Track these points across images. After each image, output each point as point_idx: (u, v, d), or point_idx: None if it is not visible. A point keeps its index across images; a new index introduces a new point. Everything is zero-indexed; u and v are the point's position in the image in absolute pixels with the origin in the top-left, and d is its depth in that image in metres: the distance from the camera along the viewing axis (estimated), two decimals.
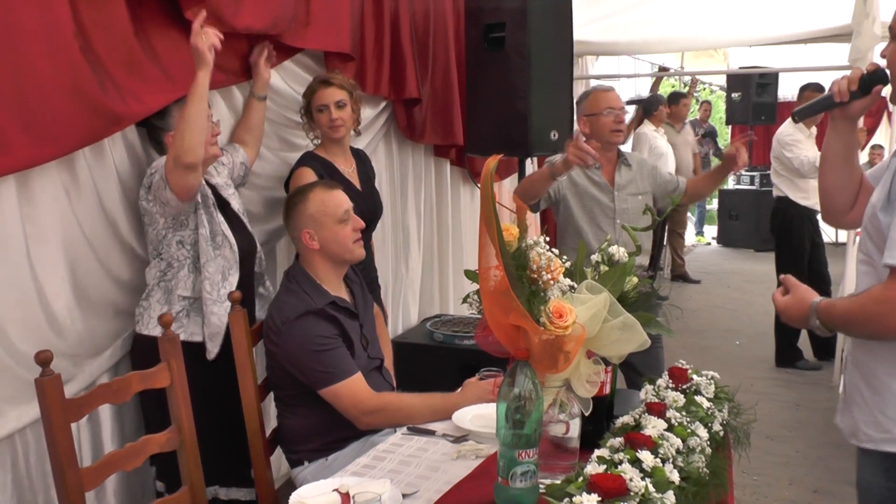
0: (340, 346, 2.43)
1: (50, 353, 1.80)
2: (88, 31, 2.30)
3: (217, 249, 2.60)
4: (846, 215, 2.14)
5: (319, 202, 2.52)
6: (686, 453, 1.78)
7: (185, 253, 2.59)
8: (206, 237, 2.58)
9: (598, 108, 3.38)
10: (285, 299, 2.48)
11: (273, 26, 2.95)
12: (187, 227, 2.58)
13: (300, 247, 2.56)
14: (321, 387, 2.38)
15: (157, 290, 2.59)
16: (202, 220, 2.58)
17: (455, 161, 4.70)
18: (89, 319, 2.48)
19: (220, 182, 2.79)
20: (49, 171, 2.28)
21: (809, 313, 1.86)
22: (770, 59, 9.00)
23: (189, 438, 2.16)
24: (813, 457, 4.32)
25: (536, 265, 1.73)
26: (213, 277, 2.58)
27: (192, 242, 2.59)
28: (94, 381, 2.51)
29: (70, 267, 2.39)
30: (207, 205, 2.60)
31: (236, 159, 2.93)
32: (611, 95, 3.45)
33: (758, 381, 5.52)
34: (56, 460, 1.79)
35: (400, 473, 2.00)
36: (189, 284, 2.59)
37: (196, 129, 2.35)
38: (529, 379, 1.67)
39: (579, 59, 6.92)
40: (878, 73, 1.95)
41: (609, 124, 3.37)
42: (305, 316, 2.40)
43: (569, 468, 1.77)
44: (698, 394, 2.12)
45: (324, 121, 3.13)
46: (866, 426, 1.86)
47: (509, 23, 3.79)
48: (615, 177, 3.43)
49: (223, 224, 2.62)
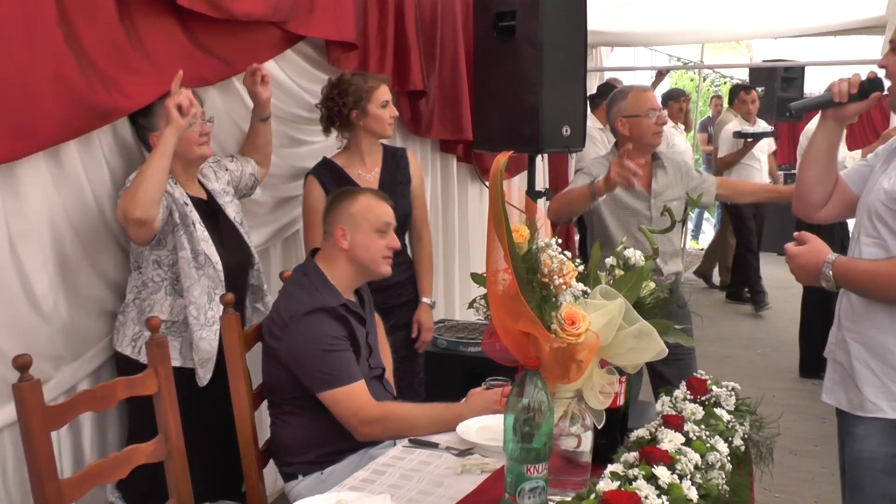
0: (348, 350, 2.43)
1: (29, 358, 1.79)
2: (72, 19, 2.29)
3: (200, 270, 2.58)
4: (819, 210, 2.40)
5: (365, 206, 2.57)
6: (705, 469, 1.77)
7: (161, 274, 2.58)
8: (188, 259, 2.56)
9: (640, 109, 3.34)
10: (295, 294, 2.49)
11: (274, 13, 2.95)
12: (165, 246, 2.57)
13: (328, 243, 2.57)
14: (322, 389, 2.37)
15: (132, 308, 2.58)
16: (181, 241, 2.55)
17: (462, 157, 4.70)
18: (76, 318, 2.48)
19: (218, 188, 2.79)
20: (36, 163, 2.28)
21: (823, 265, 2.06)
22: (796, 51, 9.00)
23: (177, 449, 2.15)
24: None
25: (548, 268, 1.72)
26: (198, 301, 2.56)
27: (169, 263, 2.58)
28: (74, 384, 2.50)
29: (58, 264, 2.39)
30: (187, 223, 2.57)
31: (246, 169, 2.95)
32: (651, 95, 3.46)
33: (781, 393, 5.50)
34: (35, 470, 1.78)
35: (401, 489, 1.99)
36: (166, 307, 2.58)
37: (151, 186, 2.34)
38: (539, 389, 1.66)
39: (593, 50, 6.93)
40: (876, 82, 2.20)
41: (651, 127, 3.34)
42: (317, 312, 2.41)
43: (580, 484, 1.76)
44: (718, 406, 2.11)
45: (386, 116, 3.19)
46: (876, 397, 2.13)
47: (520, 11, 3.78)
48: (651, 182, 3.40)
49: (205, 242, 2.59)
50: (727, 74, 12.52)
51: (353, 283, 2.59)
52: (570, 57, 3.93)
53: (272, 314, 2.49)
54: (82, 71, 2.27)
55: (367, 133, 3.21)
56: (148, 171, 2.35)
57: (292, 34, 3.16)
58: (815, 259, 2.09)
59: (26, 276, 2.28)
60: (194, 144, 2.61)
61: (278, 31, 3.08)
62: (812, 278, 2.11)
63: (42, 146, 2.24)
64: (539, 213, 1.84)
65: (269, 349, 2.47)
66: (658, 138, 3.39)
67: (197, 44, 2.75)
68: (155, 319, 2.17)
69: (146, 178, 2.34)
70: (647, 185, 3.39)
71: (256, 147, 3.01)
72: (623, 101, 3.40)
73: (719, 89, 15.41)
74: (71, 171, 2.40)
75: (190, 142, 2.59)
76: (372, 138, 3.24)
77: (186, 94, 2.42)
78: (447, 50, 4.30)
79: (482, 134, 4.09)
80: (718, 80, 15.93)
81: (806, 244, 2.13)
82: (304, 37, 3.25)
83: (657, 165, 3.43)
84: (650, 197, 3.36)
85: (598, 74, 7.27)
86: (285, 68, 3.27)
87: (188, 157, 2.63)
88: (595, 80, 7.16)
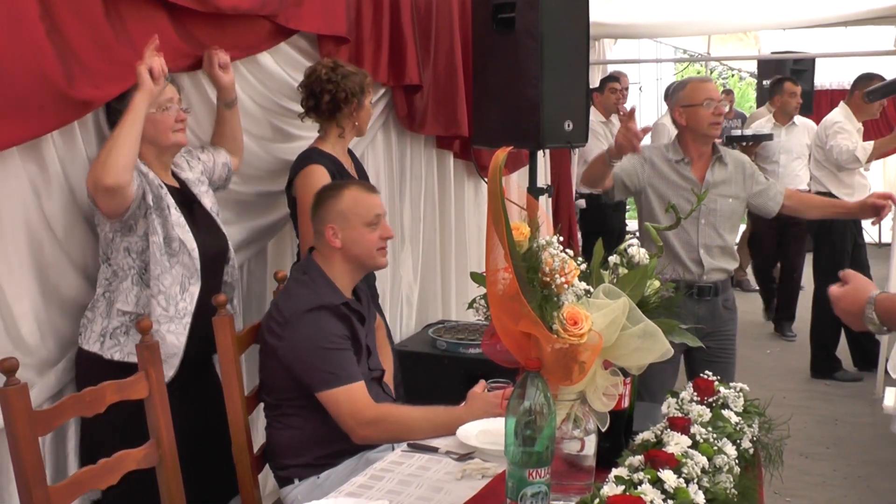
0: (349, 349, 2.46)
1: (15, 361, 1.80)
2: (56, 14, 2.29)
3: (173, 257, 2.52)
4: None
5: (352, 200, 2.56)
6: (712, 473, 1.78)
7: (130, 262, 2.52)
8: (159, 245, 2.50)
9: (697, 98, 3.44)
10: (296, 291, 2.51)
11: (262, 6, 2.95)
12: (135, 232, 2.51)
13: (321, 243, 2.58)
14: (321, 388, 2.39)
15: (101, 301, 2.53)
16: (153, 225, 2.49)
17: (459, 153, 4.70)
18: (56, 320, 2.48)
19: (192, 177, 2.74)
20: (12, 161, 2.28)
21: (865, 305, 1.87)
22: (806, 43, 8.98)
23: (169, 454, 2.16)
24: (853, 476, 4.30)
25: (549, 267, 1.72)
26: (168, 291, 2.50)
27: (138, 251, 2.52)
28: (61, 389, 2.51)
29: (35, 265, 2.39)
30: (161, 206, 2.51)
31: (218, 159, 2.90)
32: (710, 86, 3.54)
33: (791, 394, 5.51)
34: (21, 477, 1.79)
35: (400, 494, 2.00)
36: (131, 298, 2.51)
37: (123, 150, 2.32)
38: (541, 391, 1.66)
39: (596, 43, 6.93)
40: None
41: (709, 117, 3.43)
42: (319, 310, 2.43)
43: (584, 489, 1.77)
44: (726, 407, 2.11)
45: (372, 114, 3.22)
46: None
47: (520, 2, 3.78)
48: (707, 174, 3.48)
49: (181, 227, 2.54)
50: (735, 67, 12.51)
51: (353, 279, 2.61)
52: (572, 49, 3.93)
53: (272, 311, 2.50)
54: (64, 66, 2.28)
55: (353, 127, 3.19)
56: (119, 137, 2.32)
57: (285, 27, 3.16)
58: (856, 300, 1.90)
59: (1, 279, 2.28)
60: (169, 130, 2.56)
61: (270, 25, 3.09)
62: (858, 322, 1.91)
63: (26, 138, 2.25)
64: (540, 210, 1.83)
65: (269, 347, 2.47)
66: (715, 129, 3.47)
67: (187, 36, 2.75)
68: (146, 321, 2.17)
69: (117, 144, 2.31)
70: (701, 177, 3.48)
71: (224, 136, 2.95)
72: (682, 90, 3.53)
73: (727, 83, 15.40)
74: (50, 169, 2.41)
75: (165, 127, 2.54)
76: (352, 133, 3.21)
77: (159, 61, 2.39)
78: (442, 43, 4.30)
79: (481, 129, 4.09)
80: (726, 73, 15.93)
81: (848, 283, 1.95)
82: (295, 31, 3.26)
83: (717, 159, 3.51)
84: (703, 187, 3.42)
85: (601, 67, 7.28)
86: (279, 60, 3.27)
87: (162, 144, 2.57)
88: (597, 73, 7.16)
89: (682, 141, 3.54)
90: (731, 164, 3.53)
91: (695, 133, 3.46)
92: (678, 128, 3.56)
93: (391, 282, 4.25)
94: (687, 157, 3.47)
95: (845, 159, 5.46)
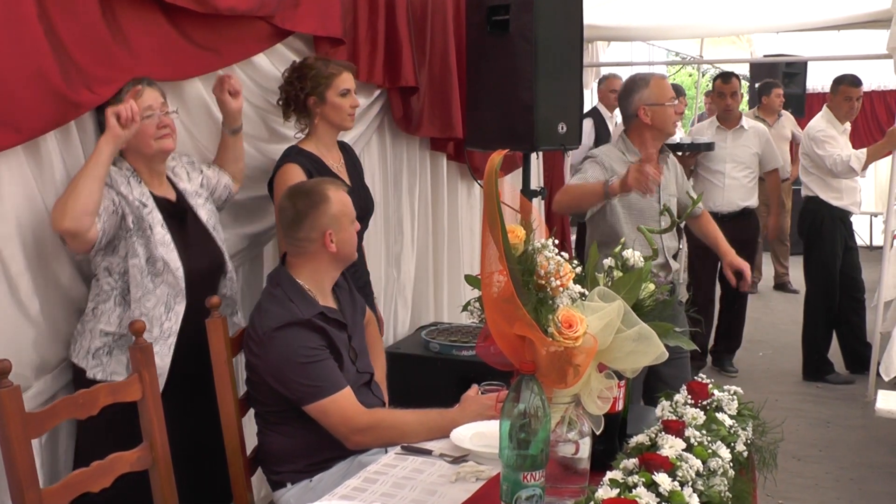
0: (328, 358, 2.42)
1: (8, 363, 1.79)
2: (53, 15, 2.29)
3: (157, 277, 2.49)
4: None
5: (340, 202, 2.53)
6: (706, 476, 1.78)
7: (111, 282, 2.50)
8: (141, 267, 2.46)
9: (663, 97, 3.41)
10: (268, 307, 2.47)
11: (259, 7, 2.95)
12: (117, 252, 2.48)
13: (307, 250, 2.52)
14: (307, 402, 2.37)
15: (91, 318, 2.50)
16: (134, 247, 2.46)
17: (452, 155, 4.69)
18: (61, 322, 2.47)
19: (190, 189, 2.71)
20: (17, 163, 2.28)
21: None
22: (798, 46, 9.01)
23: (162, 456, 2.15)
24: (845, 479, 4.31)
25: (544, 270, 1.72)
26: (151, 313, 2.47)
27: (120, 272, 2.49)
28: (54, 393, 2.49)
29: (40, 266, 2.38)
30: (142, 227, 2.47)
31: (222, 180, 2.88)
32: (669, 84, 3.51)
33: (784, 397, 5.52)
34: (14, 479, 1.79)
35: (393, 497, 1.99)
36: (114, 319, 2.48)
37: (83, 194, 2.28)
38: (535, 394, 1.66)
39: (589, 45, 6.94)
40: None
41: (673, 116, 3.42)
42: (289, 326, 2.39)
43: (578, 492, 1.77)
44: (720, 411, 2.12)
45: (346, 106, 3.14)
46: None
47: (514, 5, 3.78)
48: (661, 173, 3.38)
49: (164, 246, 2.49)
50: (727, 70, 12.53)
51: (333, 279, 2.59)
52: (566, 52, 3.94)
53: (248, 329, 2.47)
54: (62, 67, 2.27)
55: (324, 122, 3.15)
56: (80, 180, 2.30)
57: (281, 29, 3.16)
58: None
59: (12, 280, 2.28)
60: (150, 138, 2.51)
61: (267, 26, 3.09)
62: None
63: (23, 139, 2.24)
64: (534, 212, 1.84)
65: (250, 364, 2.46)
66: (675, 128, 3.46)
67: (185, 37, 2.74)
68: (139, 323, 2.16)
69: (77, 188, 2.29)
70: None
71: (226, 160, 2.94)
72: (645, 88, 3.45)
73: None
74: (51, 170, 2.40)
75: (146, 136, 2.49)
76: (331, 129, 3.18)
77: (130, 105, 2.36)
78: (437, 45, 4.30)
79: (475, 131, 4.09)
80: None
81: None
82: (294, 31, 3.25)
83: (662, 159, 3.47)
84: (660, 190, 3.36)
85: (595, 70, 7.29)
86: (274, 60, 3.26)
87: (145, 153, 2.53)
88: (591, 75, 7.17)
89: (639, 140, 3.48)
90: (670, 163, 3.55)
91: (658, 132, 3.42)
92: (637, 126, 3.46)
93: (385, 283, 4.25)
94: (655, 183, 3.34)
95: (841, 170, 5.46)
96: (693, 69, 12.04)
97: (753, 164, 5.81)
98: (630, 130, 3.53)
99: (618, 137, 3.61)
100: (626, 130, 3.56)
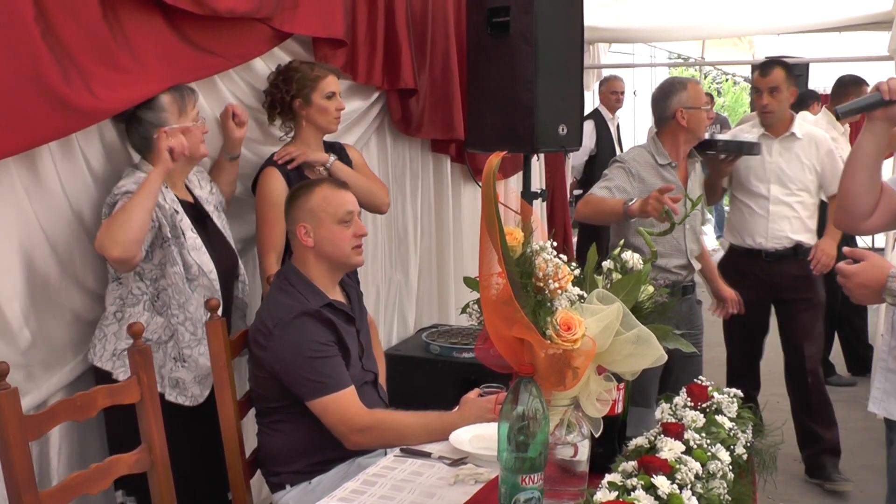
0: (336, 355, 2.44)
1: (6, 366, 1.79)
2: (50, 15, 2.28)
3: (193, 281, 2.57)
4: (866, 220, 2.32)
5: (322, 198, 2.54)
6: (706, 479, 1.78)
7: (142, 287, 2.54)
8: (181, 275, 2.53)
9: (699, 101, 3.48)
10: (278, 299, 2.49)
11: (258, 9, 2.94)
12: (151, 259, 2.53)
13: (295, 243, 2.57)
14: (311, 397, 2.38)
15: (113, 322, 2.53)
16: (173, 256, 2.52)
17: (455, 157, 4.70)
18: (45, 325, 2.46)
19: (203, 196, 2.79)
20: (6, 170, 2.26)
21: (887, 280, 1.98)
22: (800, 48, 9.01)
23: (161, 459, 2.15)
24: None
25: (543, 272, 1.72)
26: (194, 316, 2.55)
27: (153, 278, 2.54)
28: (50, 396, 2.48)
29: (27, 270, 2.37)
30: (177, 234, 2.54)
31: (219, 195, 2.93)
32: (702, 88, 3.58)
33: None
34: (12, 482, 1.78)
35: (392, 500, 1.99)
36: (144, 324, 2.50)
37: (133, 225, 2.34)
38: (534, 397, 1.66)
39: (590, 47, 6.94)
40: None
41: (705, 120, 3.48)
42: (301, 317, 2.41)
43: (577, 495, 1.77)
44: (719, 413, 2.12)
45: (331, 109, 3.15)
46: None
47: (514, 7, 3.78)
48: (688, 177, 3.51)
49: (196, 251, 2.58)
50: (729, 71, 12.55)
51: (332, 279, 2.59)
52: (566, 53, 3.93)
53: (256, 322, 2.49)
54: (62, 69, 2.26)
55: (310, 125, 3.16)
56: (132, 211, 2.34)
57: (280, 31, 3.16)
58: (876, 276, 2.01)
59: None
60: (200, 143, 2.64)
61: (266, 29, 3.08)
62: (874, 296, 2.03)
63: (23, 148, 2.23)
64: (534, 215, 1.83)
65: (256, 358, 2.47)
66: (705, 132, 3.53)
67: (186, 40, 2.74)
68: (137, 325, 2.16)
69: (129, 218, 2.34)
70: (684, 180, 3.50)
71: (220, 181, 2.98)
72: (683, 91, 3.50)
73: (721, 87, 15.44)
74: (46, 176, 2.39)
75: (197, 140, 2.62)
76: (317, 132, 3.19)
77: (181, 141, 2.47)
78: (438, 47, 4.30)
79: (475, 133, 4.08)
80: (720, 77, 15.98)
81: (863, 261, 2.05)
82: (291, 34, 3.25)
83: (691, 163, 3.54)
84: (687, 192, 3.43)
85: (596, 72, 7.29)
86: (268, 62, 3.25)
87: (195, 156, 2.66)
88: (592, 77, 7.17)
89: (672, 143, 3.52)
90: (697, 167, 3.60)
91: (691, 135, 3.47)
92: (672, 128, 3.50)
93: (387, 285, 4.25)
94: (674, 161, 3.48)
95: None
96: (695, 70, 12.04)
97: (809, 185, 4.12)
98: (663, 133, 3.55)
99: (649, 139, 3.63)
100: (658, 133, 3.59)
